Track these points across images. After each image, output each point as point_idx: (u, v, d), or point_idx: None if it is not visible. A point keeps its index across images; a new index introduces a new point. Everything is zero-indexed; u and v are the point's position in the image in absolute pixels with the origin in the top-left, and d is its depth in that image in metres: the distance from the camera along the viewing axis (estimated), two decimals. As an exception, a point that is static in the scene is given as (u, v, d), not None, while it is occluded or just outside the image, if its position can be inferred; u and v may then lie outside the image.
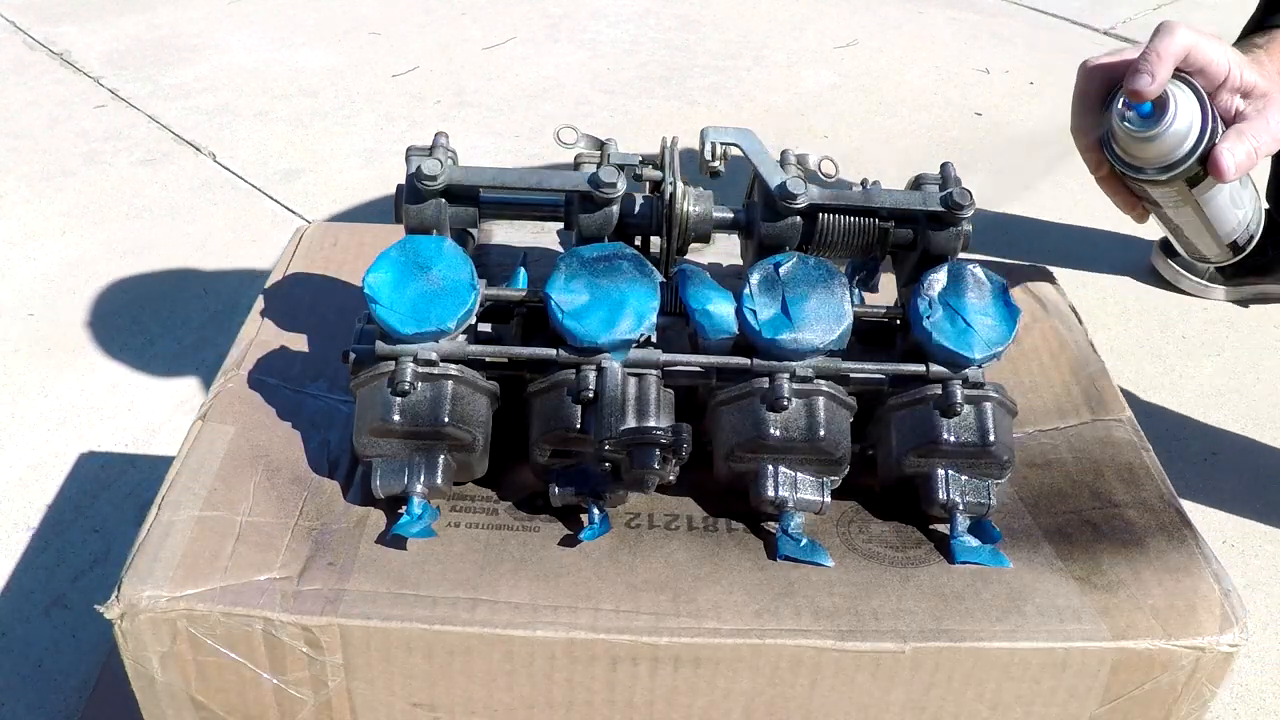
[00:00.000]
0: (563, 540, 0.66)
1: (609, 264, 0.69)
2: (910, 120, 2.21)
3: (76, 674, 1.08)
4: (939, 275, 0.70)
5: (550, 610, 0.61)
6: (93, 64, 2.29)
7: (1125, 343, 1.60)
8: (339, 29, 2.49)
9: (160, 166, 1.96)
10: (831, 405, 0.67)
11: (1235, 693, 1.12)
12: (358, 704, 0.63)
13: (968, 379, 0.68)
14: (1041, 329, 0.87)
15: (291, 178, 1.93)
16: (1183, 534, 0.68)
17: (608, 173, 0.71)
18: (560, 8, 2.64)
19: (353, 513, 0.67)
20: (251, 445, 0.71)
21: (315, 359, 0.79)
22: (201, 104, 2.16)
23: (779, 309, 0.68)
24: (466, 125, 2.11)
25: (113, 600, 0.60)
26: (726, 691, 0.62)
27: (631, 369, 0.67)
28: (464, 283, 0.67)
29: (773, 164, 0.73)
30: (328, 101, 2.19)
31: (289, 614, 0.60)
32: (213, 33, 2.44)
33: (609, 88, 2.29)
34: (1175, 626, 0.62)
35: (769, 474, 0.67)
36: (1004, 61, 2.44)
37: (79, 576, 1.18)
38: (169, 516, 0.65)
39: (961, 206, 0.71)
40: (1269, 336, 1.65)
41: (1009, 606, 0.63)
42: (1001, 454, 0.67)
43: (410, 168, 0.71)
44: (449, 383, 0.66)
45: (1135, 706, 0.63)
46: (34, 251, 1.72)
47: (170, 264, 1.70)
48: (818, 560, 0.65)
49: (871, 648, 0.61)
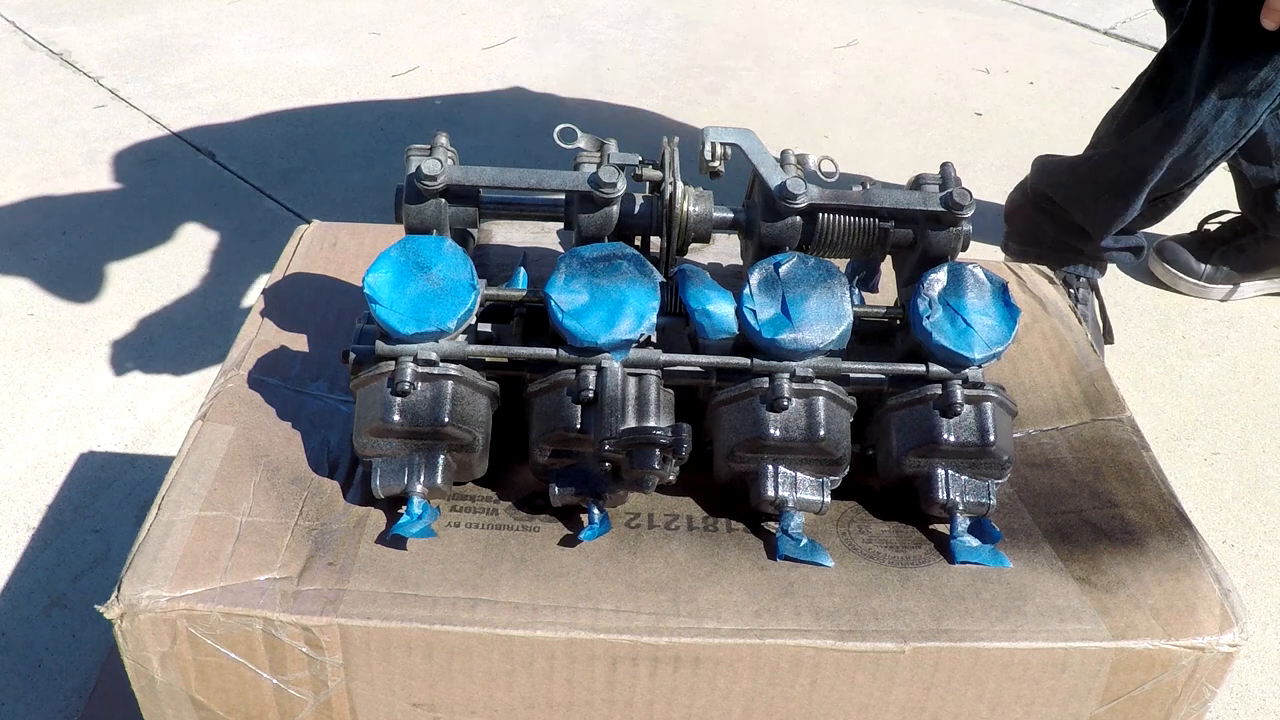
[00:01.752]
0: (563, 540, 0.66)
1: (609, 264, 0.69)
2: (910, 120, 2.21)
3: (76, 674, 1.08)
4: (939, 275, 0.70)
5: (550, 610, 0.61)
6: (93, 64, 2.29)
7: (1125, 343, 1.60)
8: (339, 29, 2.49)
9: (160, 166, 1.96)
10: (831, 405, 0.67)
11: (1235, 693, 1.12)
12: (358, 704, 0.63)
13: (968, 379, 0.68)
14: (1041, 329, 0.87)
15: (291, 178, 1.93)
16: (1183, 534, 0.68)
17: (608, 173, 0.71)
18: (560, 8, 2.65)
19: (353, 513, 0.67)
20: (251, 445, 0.71)
21: (315, 359, 0.79)
22: (201, 104, 2.16)
23: (779, 309, 0.68)
24: (466, 125, 2.11)
25: (113, 600, 0.60)
26: (726, 691, 0.62)
27: (631, 369, 0.67)
28: (464, 283, 0.67)
29: (773, 164, 0.73)
30: (328, 101, 2.19)
31: (289, 614, 0.60)
32: (213, 33, 2.44)
33: (609, 88, 2.29)
34: (1175, 626, 0.62)
35: (769, 474, 0.67)
36: (1004, 61, 2.44)
37: (79, 576, 1.18)
38: (169, 516, 0.65)
39: (961, 206, 0.71)
40: (1269, 336, 1.65)
41: (1009, 606, 0.63)
42: (1001, 454, 0.67)
43: (410, 168, 0.71)
44: (449, 383, 0.66)
45: (1135, 706, 0.63)
46: (34, 251, 1.72)
47: (170, 264, 1.70)
48: (818, 560, 0.65)
49: (871, 648, 0.61)
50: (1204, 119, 1.33)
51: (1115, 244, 1.53)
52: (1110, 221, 1.47)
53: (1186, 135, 1.35)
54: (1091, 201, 1.48)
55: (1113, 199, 1.45)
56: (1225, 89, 1.30)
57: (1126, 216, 1.46)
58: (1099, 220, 1.48)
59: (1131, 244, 1.56)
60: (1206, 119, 1.33)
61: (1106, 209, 1.46)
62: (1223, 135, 1.35)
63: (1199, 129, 1.34)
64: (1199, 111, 1.33)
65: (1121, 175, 1.43)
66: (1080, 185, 1.49)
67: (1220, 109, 1.32)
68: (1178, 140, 1.35)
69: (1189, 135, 1.35)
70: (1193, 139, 1.35)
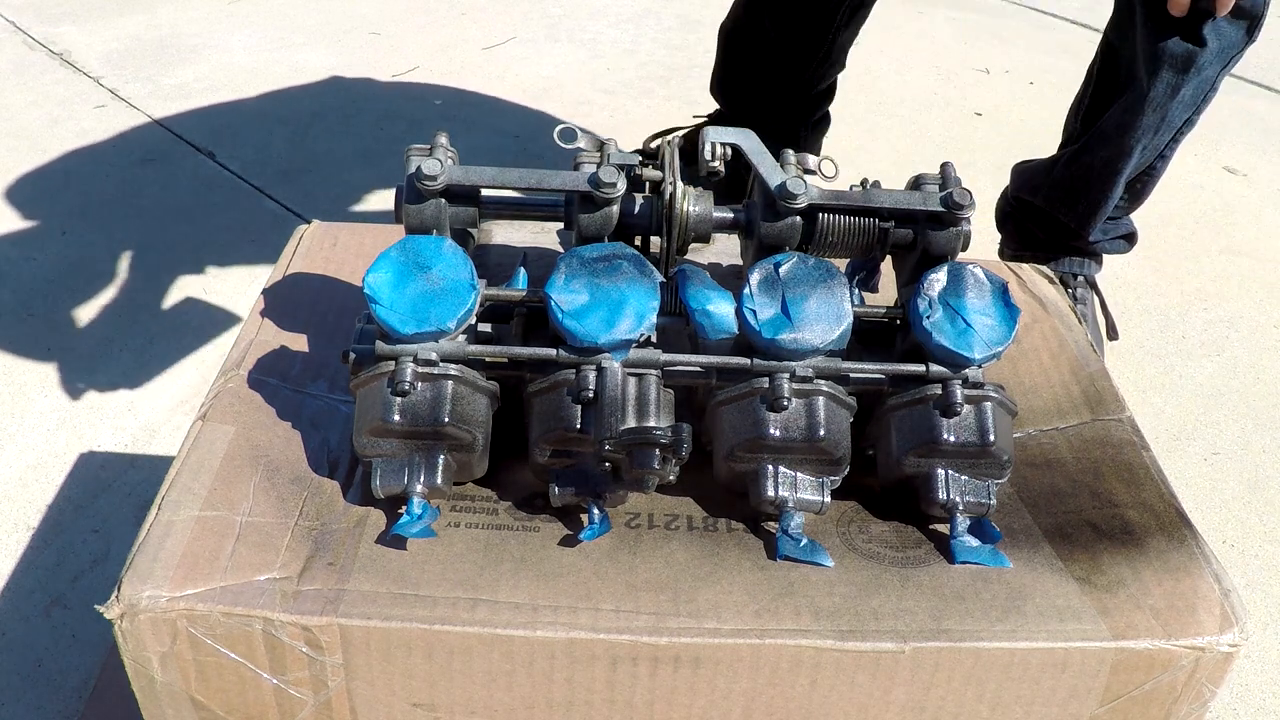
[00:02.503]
0: (563, 540, 0.66)
1: (609, 264, 0.69)
2: (910, 120, 2.21)
3: (76, 674, 1.08)
4: (939, 275, 0.70)
5: (550, 610, 0.61)
6: (93, 64, 2.29)
7: (1125, 343, 1.60)
8: (339, 29, 2.49)
9: (160, 166, 1.96)
10: (831, 405, 0.67)
11: (1235, 693, 1.12)
12: (358, 704, 0.63)
13: (968, 379, 0.68)
14: (1041, 329, 0.87)
15: (291, 178, 1.93)
16: (1183, 534, 0.68)
17: (608, 173, 0.71)
18: (560, 8, 2.65)
19: (353, 513, 0.67)
20: (251, 445, 0.71)
21: (315, 359, 0.79)
22: (201, 104, 2.16)
23: (779, 309, 0.68)
24: (466, 125, 2.11)
25: (113, 600, 0.60)
26: (726, 691, 0.62)
27: (631, 369, 0.67)
28: (464, 283, 0.67)
29: (773, 164, 0.73)
30: (328, 101, 2.19)
31: (289, 614, 0.60)
32: (213, 33, 2.45)
33: (609, 88, 2.29)
34: (1175, 626, 0.62)
35: (769, 474, 0.67)
36: (1004, 61, 2.44)
37: (79, 576, 1.18)
38: (169, 516, 0.65)
39: (961, 206, 0.71)
40: (1269, 336, 1.65)
41: (1009, 606, 0.63)
42: (1001, 454, 0.67)
43: (410, 168, 0.71)
44: (449, 383, 0.66)
45: (1135, 706, 0.63)
46: (34, 251, 1.72)
47: (170, 264, 1.70)
48: (818, 560, 0.65)
49: (871, 648, 0.61)
50: (1159, 98, 1.33)
51: (1106, 235, 1.53)
52: (1093, 215, 1.47)
53: (1147, 117, 1.34)
54: (1071, 199, 1.47)
55: (1090, 193, 1.45)
56: (1173, 64, 1.30)
57: (1108, 207, 1.46)
58: (1082, 216, 1.48)
59: (1122, 232, 1.55)
60: (1162, 97, 1.33)
61: (1087, 204, 1.46)
62: (1182, 107, 1.34)
63: (1158, 108, 1.34)
64: (1154, 92, 1.32)
65: (1093, 168, 1.43)
66: (1057, 185, 1.49)
67: (1174, 84, 1.31)
68: (1139, 124, 1.35)
69: (1150, 117, 1.34)
70: (1155, 119, 1.34)
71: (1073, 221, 1.49)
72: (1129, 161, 1.40)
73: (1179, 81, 1.31)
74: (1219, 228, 1.92)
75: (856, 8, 1.64)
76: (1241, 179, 2.08)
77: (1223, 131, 2.22)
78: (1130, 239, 1.58)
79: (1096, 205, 1.46)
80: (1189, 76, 1.31)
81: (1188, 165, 2.09)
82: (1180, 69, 1.30)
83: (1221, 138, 2.20)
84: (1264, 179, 2.08)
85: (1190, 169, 2.08)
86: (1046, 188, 1.50)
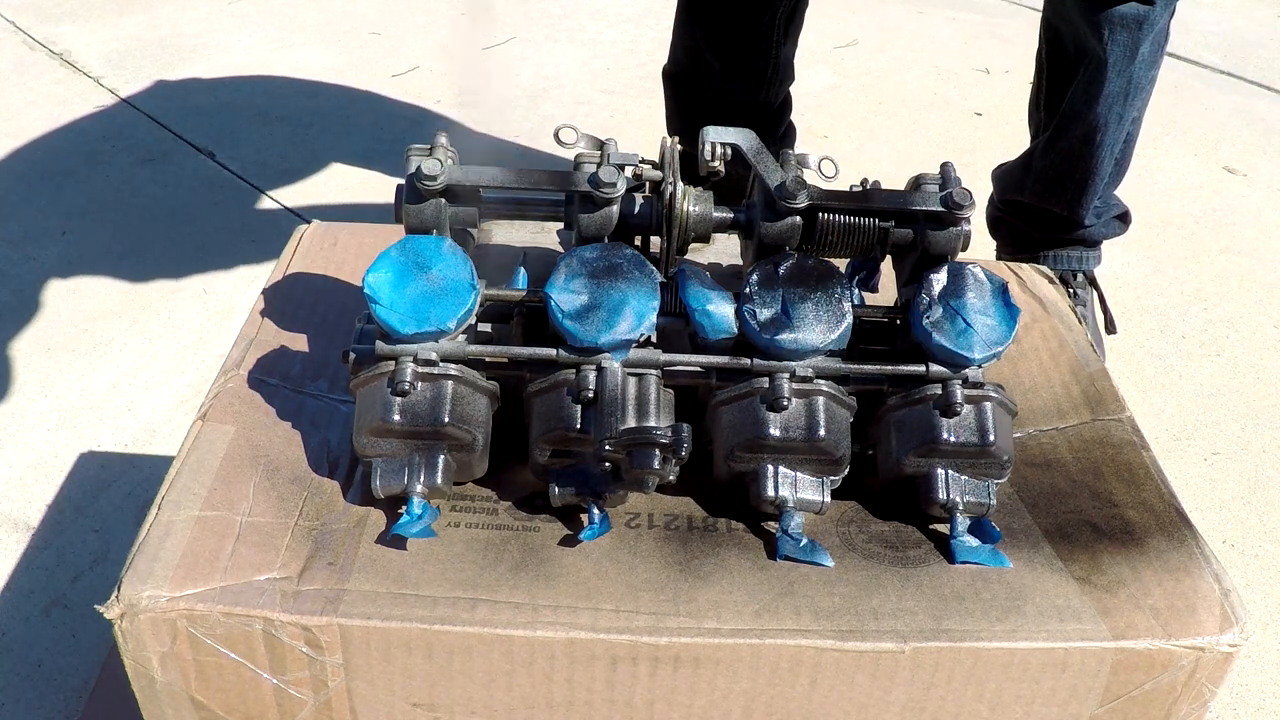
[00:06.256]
0: (563, 540, 0.66)
1: (609, 264, 0.69)
2: (910, 120, 2.21)
3: (76, 674, 1.08)
4: (939, 275, 0.70)
5: (550, 610, 0.61)
6: (93, 64, 2.29)
7: (1125, 343, 1.60)
8: (339, 29, 2.49)
9: (160, 166, 1.96)
10: (831, 405, 0.67)
11: (1235, 693, 1.12)
12: (358, 704, 0.63)
13: (968, 379, 0.68)
14: (1041, 329, 0.87)
15: (291, 178, 1.93)
16: (1183, 534, 0.68)
17: (608, 173, 0.71)
18: (560, 8, 2.64)
19: (353, 513, 0.67)
20: (251, 445, 0.71)
21: (315, 359, 0.79)
22: (201, 104, 2.16)
23: (779, 309, 0.68)
24: (466, 125, 2.11)
25: (113, 600, 0.60)
26: (726, 691, 0.62)
27: (631, 369, 0.67)
28: (464, 283, 0.67)
29: (773, 164, 0.73)
30: (328, 101, 2.19)
31: (289, 614, 0.60)
32: (213, 33, 2.44)
33: (609, 88, 2.29)
34: (1175, 626, 0.62)
35: (769, 474, 0.67)
36: (1004, 61, 2.44)
37: (79, 576, 1.18)
38: (169, 516, 0.65)
39: (961, 206, 0.71)
40: (1269, 336, 1.65)
41: (1009, 606, 0.63)
42: (1001, 454, 0.67)
43: (410, 167, 0.71)
44: (449, 383, 0.66)
45: (1135, 706, 0.63)
46: (34, 251, 1.72)
47: (170, 264, 1.70)
48: (818, 560, 0.65)
49: (871, 648, 0.61)
50: (1119, 61, 1.32)
51: (1100, 219, 1.52)
52: (1083, 196, 1.44)
53: (1112, 84, 1.33)
54: (1058, 186, 1.45)
55: (1075, 174, 1.43)
56: (1125, 25, 1.29)
57: (1097, 185, 1.44)
58: (1073, 200, 1.45)
59: (1115, 212, 1.53)
60: (1122, 61, 1.32)
61: (1074, 186, 1.44)
62: (1145, 64, 1.33)
63: (1121, 72, 1.33)
64: (1113, 57, 1.31)
65: (1072, 149, 1.41)
66: (1040, 176, 1.46)
67: (1131, 44, 1.31)
68: (1105, 92, 1.34)
69: (1115, 83, 1.33)
70: (1122, 83, 1.33)
71: (1064, 209, 1.47)
72: (1106, 133, 1.38)
73: (1135, 40, 1.30)
74: (1219, 228, 1.92)
75: (790, 19, 1.62)
76: (1241, 179, 2.08)
77: (1223, 131, 2.22)
78: (1124, 219, 1.55)
79: (1084, 185, 1.43)
80: (1144, 33, 1.30)
81: (1188, 165, 2.09)
82: (1134, 27, 1.29)
83: (1221, 138, 2.20)
84: (1264, 179, 2.08)
85: (1190, 169, 2.08)
86: (1030, 182, 1.48)
